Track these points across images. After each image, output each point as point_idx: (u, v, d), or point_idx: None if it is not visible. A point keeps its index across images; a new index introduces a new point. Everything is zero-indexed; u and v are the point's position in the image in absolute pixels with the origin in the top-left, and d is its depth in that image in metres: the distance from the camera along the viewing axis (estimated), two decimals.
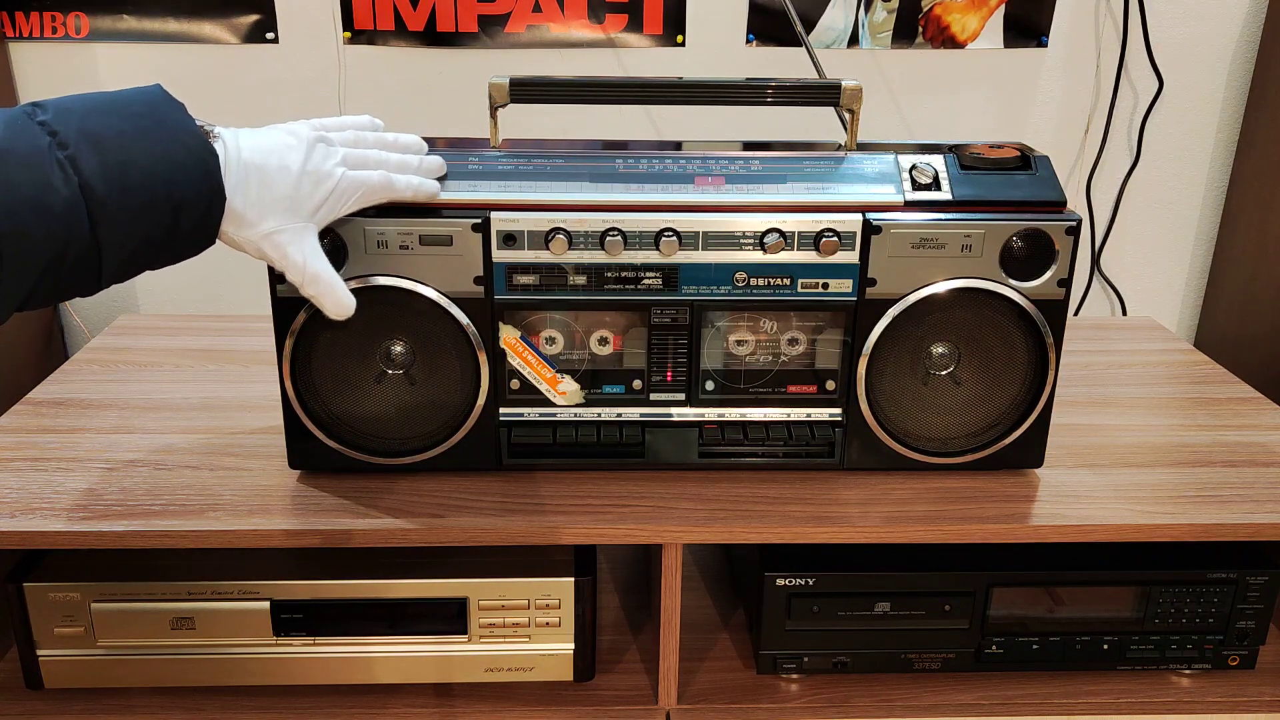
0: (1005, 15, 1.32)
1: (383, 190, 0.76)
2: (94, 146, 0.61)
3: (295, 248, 0.71)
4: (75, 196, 0.60)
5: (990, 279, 0.83)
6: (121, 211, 0.62)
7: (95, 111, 0.63)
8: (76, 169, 0.60)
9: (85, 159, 0.60)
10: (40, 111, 0.61)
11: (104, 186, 0.61)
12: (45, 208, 0.59)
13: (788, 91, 0.86)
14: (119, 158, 0.62)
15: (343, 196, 0.74)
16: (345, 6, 1.28)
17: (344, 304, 0.75)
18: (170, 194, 0.64)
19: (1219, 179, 1.42)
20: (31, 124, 0.60)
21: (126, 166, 0.62)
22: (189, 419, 0.99)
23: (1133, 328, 1.30)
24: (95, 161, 0.61)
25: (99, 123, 0.62)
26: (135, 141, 0.63)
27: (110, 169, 0.61)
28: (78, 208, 0.60)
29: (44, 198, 0.59)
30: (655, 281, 0.83)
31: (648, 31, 1.31)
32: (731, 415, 0.88)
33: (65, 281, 0.63)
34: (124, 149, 0.62)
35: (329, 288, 0.74)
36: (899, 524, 0.83)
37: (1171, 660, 0.93)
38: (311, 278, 0.73)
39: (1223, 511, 0.85)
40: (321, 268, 0.73)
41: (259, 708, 0.90)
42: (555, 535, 0.82)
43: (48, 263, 0.60)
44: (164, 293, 1.42)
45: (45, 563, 0.89)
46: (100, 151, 0.61)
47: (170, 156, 0.64)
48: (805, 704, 0.91)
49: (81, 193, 0.60)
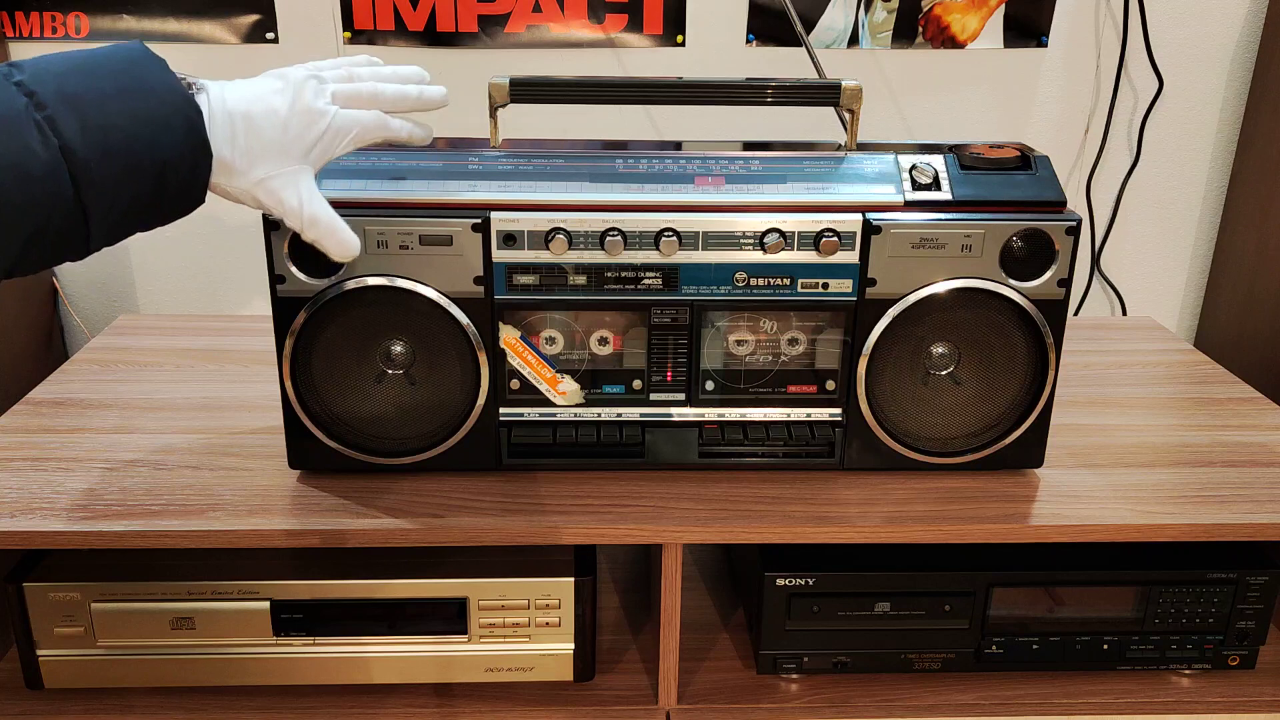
0: (1005, 15, 1.32)
1: (377, 129, 0.73)
2: (73, 107, 0.59)
3: (290, 191, 0.69)
4: (56, 159, 0.58)
5: (990, 279, 0.83)
6: (105, 173, 0.60)
7: (74, 71, 0.61)
8: (56, 131, 0.58)
9: (64, 120, 0.58)
10: (17, 72, 0.59)
11: (85, 148, 0.59)
12: (25, 171, 0.57)
13: (788, 91, 0.86)
14: (100, 119, 0.60)
15: (336, 136, 0.71)
16: (345, 6, 1.28)
17: (348, 244, 0.72)
18: (155, 153, 0.62)
19: (1219, 179, 1.42)
20: (7, 85, 0.58)
21: (108, 127, 0.60)
22: (189, 419, 0.99)
23: (1133, 328, 1.30)
24: (75, 123, 0.59)
25: (78, 83, 0.60)
26: (116, 101, 0.61)
27: (91, 130, 0.59)
28: (59, 170, 0.58)
29: (23, 161, 0.57)
30: (655, 281, 0.83)
31: (648, 31, 1.31)
32: (731, 415, 0.88)
33: (52, 247, 0.61)
34: (105, 109, 0.60)
35: (330, 229, 0.71)
36: (899, 524, 0.83)
37: (1171, 660, 0.93)
38: (310, 220, 0.70)
39: (1223, 511, 0.85)
40: (320, 209, 0.71)
41: (259, 708, 0.90)
42: (555, 535, 0.82)
43: (33, 229, 0.58)
44: (164, 293, 1.42)
45: (45, 563, 0.88)
46: (80, 112, 0.59)
47: (153, 115, 0.62)
48: (805, 704, 0.91)
49: (62, 155, 0.58)
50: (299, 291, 0.81)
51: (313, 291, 0.81)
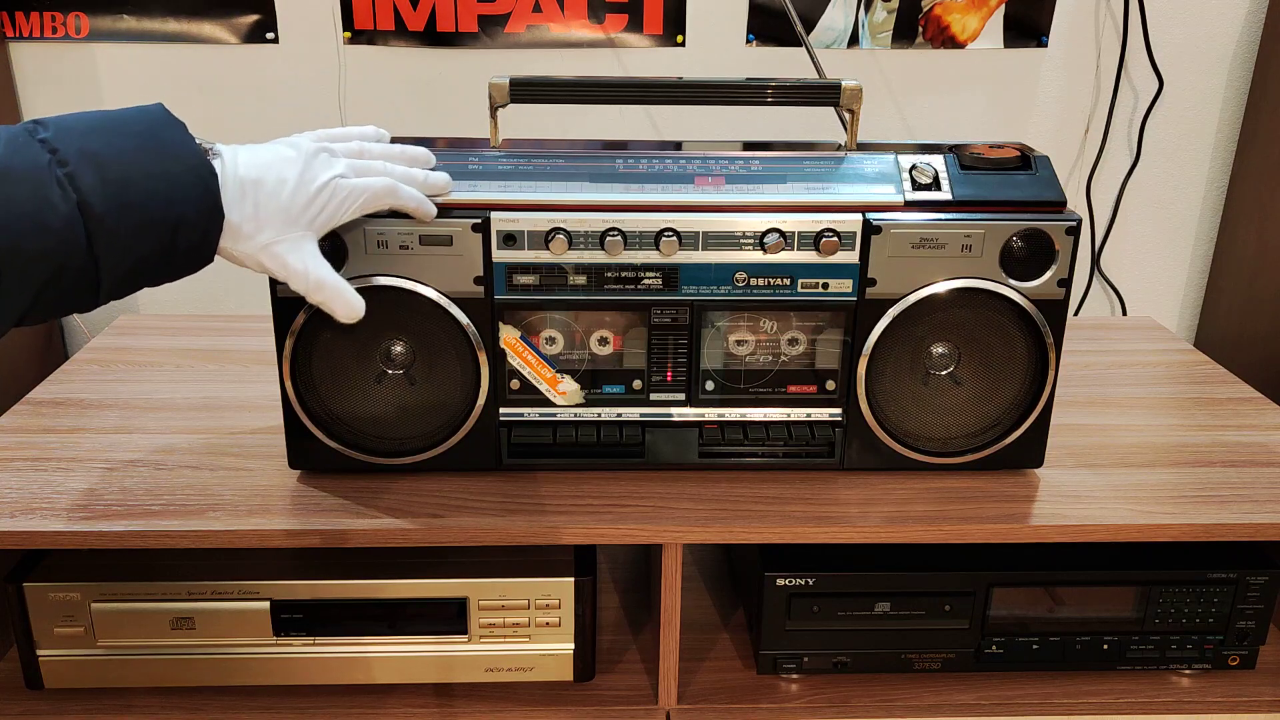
0: (1005, 15, 1.32)
1: (387, 196, 0.76)
2: (93, 165, 0.61)
3: (294, 257, 0.71)
4: (73, 214, 0.60)
5: (990, 279, 0.83)
6: (119, 229, 0.62)
7: (96, 130, 0.63)
8: (75, 186, 0.60)
9: (84, 177, 0.61)
10: (41, 129, 0.61)
11: (102, 204, 0.61)
12: (43, 224, 0.59)
13: (788, 91, 0.86)
14: (118, 176, 0.62)
15: (344, 204, 0.73)
16: (345, 6, 1.28)
17: (354, 307, 0.75)
18: (169, 212, 0.64)
19: (1219, 179, 1.42)
20: (32, 141, 0.60)
21: (125, 184, 0.62)
22: (189, 419, 0.99)
23: (1133, 328, 1.30)
24: (94, 179, 0.61)
25: (99, 141, 0.62)
26: (135, 160, 0.63)
27: (109, 187, 0.61)
28: (76, 225, 0.60)
29: (42, 214, 0.59)
30: (655, 281, 0.83)
31: (648, 31, 1.31)
32: (731, 415, 0.88)
33: (63, 298, 0.63)
34: (123, 167, 0.62)
35: (335, 292, 0.74)
36: (899, 524, 0.83)
37: (1171, 660, 0.93)
38: (316, 285, 0.73)
39: (1223, 511, 0.85)
40: (325, 274, 0.73)
41: (259, 708, 0.90)
42: (555, 535, 0.82)
43: (46, 279, 0.60)
44: (164, 293, 1.40)
45: (45, 563, 0.89)
46: (100, 169, 0.61)
47: (169, 175, 0.64)
48: (805, 704, 0.91)
49: (79, 210, 0.60)
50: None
51: None
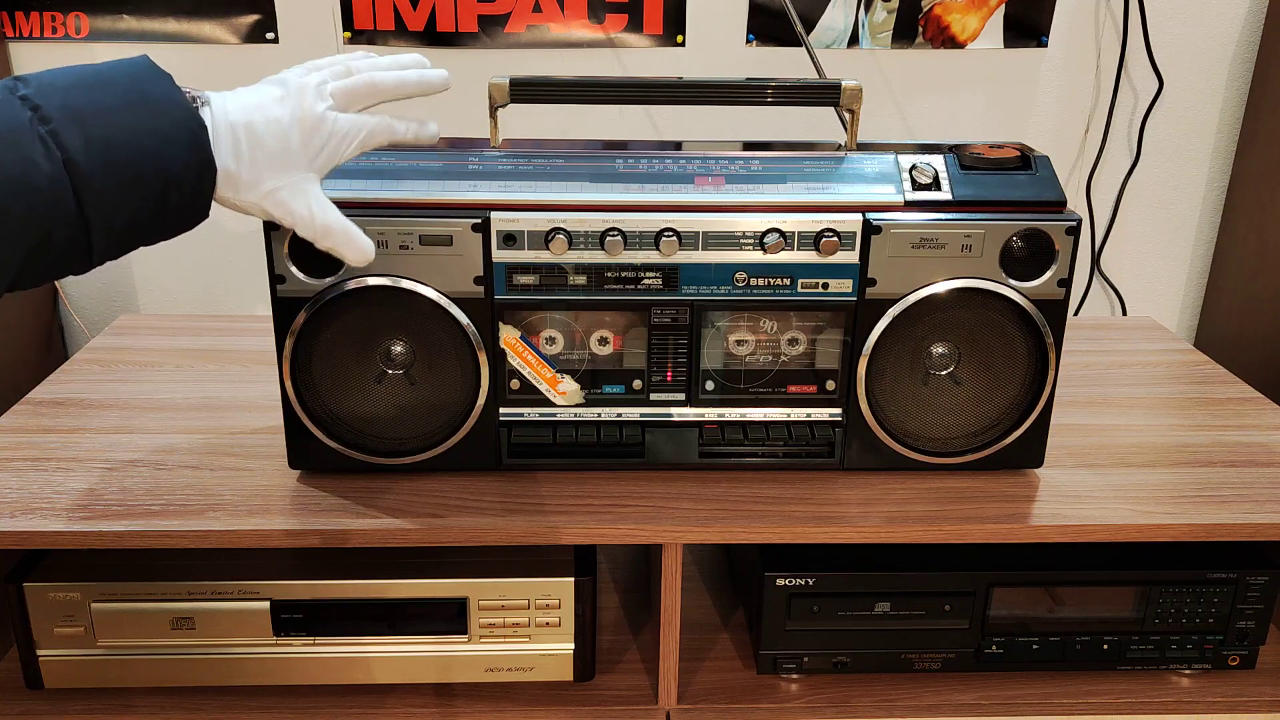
0: (1005, 15, 1.32)
1: (383, 133, 0.73)
2: (77, 121, 0.59)
3: (299, 201, 0.69)
4: (59, 173, 0.58)
5: (990, 279, 0.83)
6: (108, 187, 0.60)
7: (79, 86, 0.61)
8: (60, 144, 0.58)
9: (68, 134, 0.58)
10: (22, 85, 0.59)
11: (88, 162, 0.59)
12: (28, 185, 0.57)
13: (788, 91, 0.86)
14: (103, 133, 0.60)
15: (342, 141, 0.70)
16: (345, 6, 1.28)
17: (364, 250, 0.72)
18: (158, 168, 0.62)
19: (1219, 179, 1.42)
20: (13, 99, 0.58)
21: (111, 141, 0.60)
22: (189, 419, 0.99)
23: (1133, 328, 1.30)
24: (79, 137, 0.59)
25: (83, 97, 0.60)
26: (120, 116, 0.61)
27: (94, 144, 0.59)
28: (62, 184, 0.58)
29: (27, 174, 0.57)
30: (655, 281, 0.83)
31: (648, 31, 1.31)
32: (731, 415, 0.88)
33: (55, 260, 0.61)
34: (108, 124, 0.60)
35: (344, 236, 0.71)
36: (899, 524, 0.83)
37: (1171, 660, 0.93)
38: (323, 229, 0.70)
39: (1223, 511, 0.85)
40: (332, 218, 0.70)
41: (259, 708, 0.90)
42: (555, 535, 0.82)
43: (35, 242, 0.59)
44: (164, 293, 1.42)
45: (45, 563, 0.88)
46: (84, 126, 0.59)
47: (157, 129, 0.62)
48: (805, 704, 0.91)
49: (65, 168, 0.58)
50: (299, 292, 0.81)
51: (313, 291, 0.81)
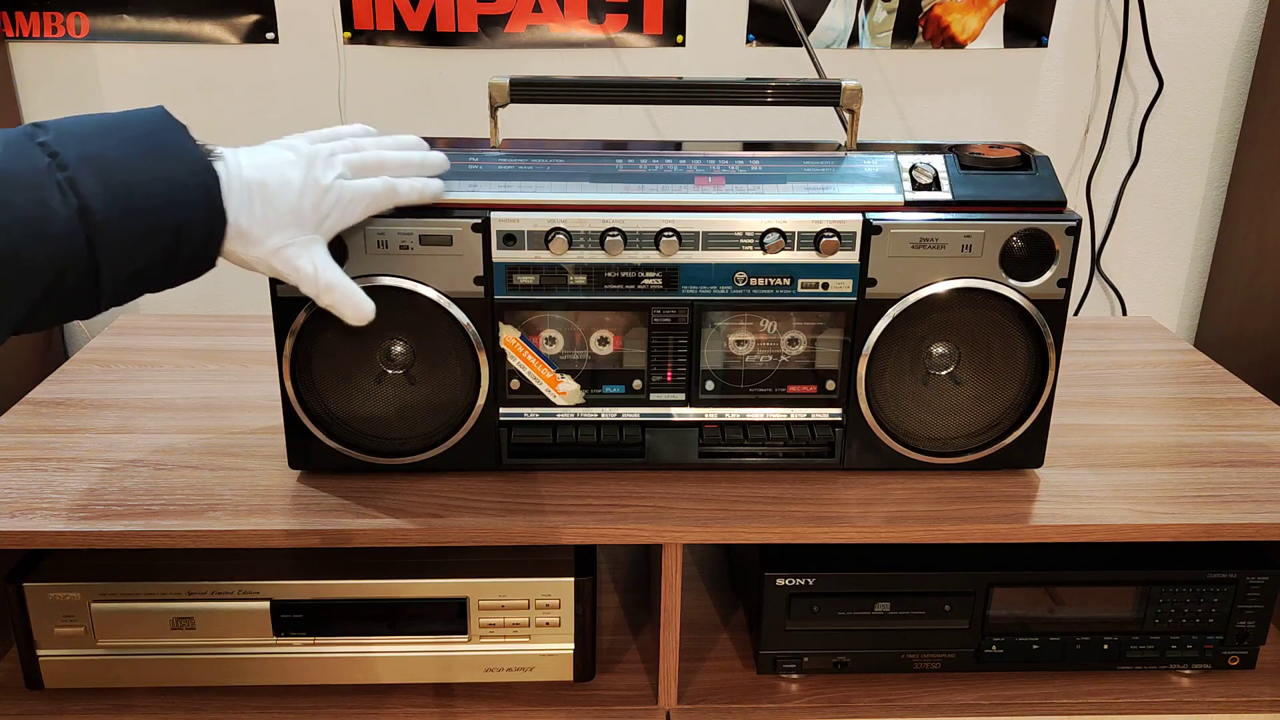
0: (1005, 15, 1.32)
1: (387, 197, 0.76)
2: (94, 169, 0.61)
3: (305, 260, 0.71)
4: (74, 219, 0.59)
5: (990, 279, 0.83)
6: (121, 234, 0.61)
7: (97, 133, 0.63)
8: (76, 191, 0.60)
9: (85, 181, 0.60)
10: (41, 132, 0.61)
11: (103, 209, 0.60)
12: (44, 230, 0.58)
13: (788, 91, 0.86)
14: (119, 180, 0.61)
15: (349, 207, 0.73)
16: (345, 6, 1.28)
17: (364, 309, 0.74)
18: (171, 217, 0.64)
19: (1219, 179, 1.42)
20: (32, 145, 0.60)
21: (127, 189, 0.61)
22: (189, 419, 0.99)
23: (1133, 328, 1.30)
24: (95, 184, 0.60)
25: (100, 145, 0.62)
26: (136, 164, 0.62)
27: (110, 191, 0.61)
28: (76, 230, 0.60)
29: (43, 219, 0.58)
30: (655, 281, 0.83)
31: (648, 31, 1.31)
32: (731, 415, 0.88)
33: (64, 304, 0.62)
34: (125, 171, 0.62)
35: (345, 295, 0.73)
36: (899, 524, 0.83)
37: (1171, 660, 0.93)
38: (326, 287, 0.73)
39: (1223, 511, 0.85)
40: (335, 277, 0.73)
41: (259, 708, 0.90)
42: (555, 535, 0.82)
43: (46, 285, 0.60)
44: (164, 293, 1.41)
45: (45, 563, 0.88)
46: (100, 174, 0.61)
47: (171, 179, 0.64)
48: (805, 704, 0.91)
49: (80, 215, 0.60)
50: (299, 292, 0.80)
51: None
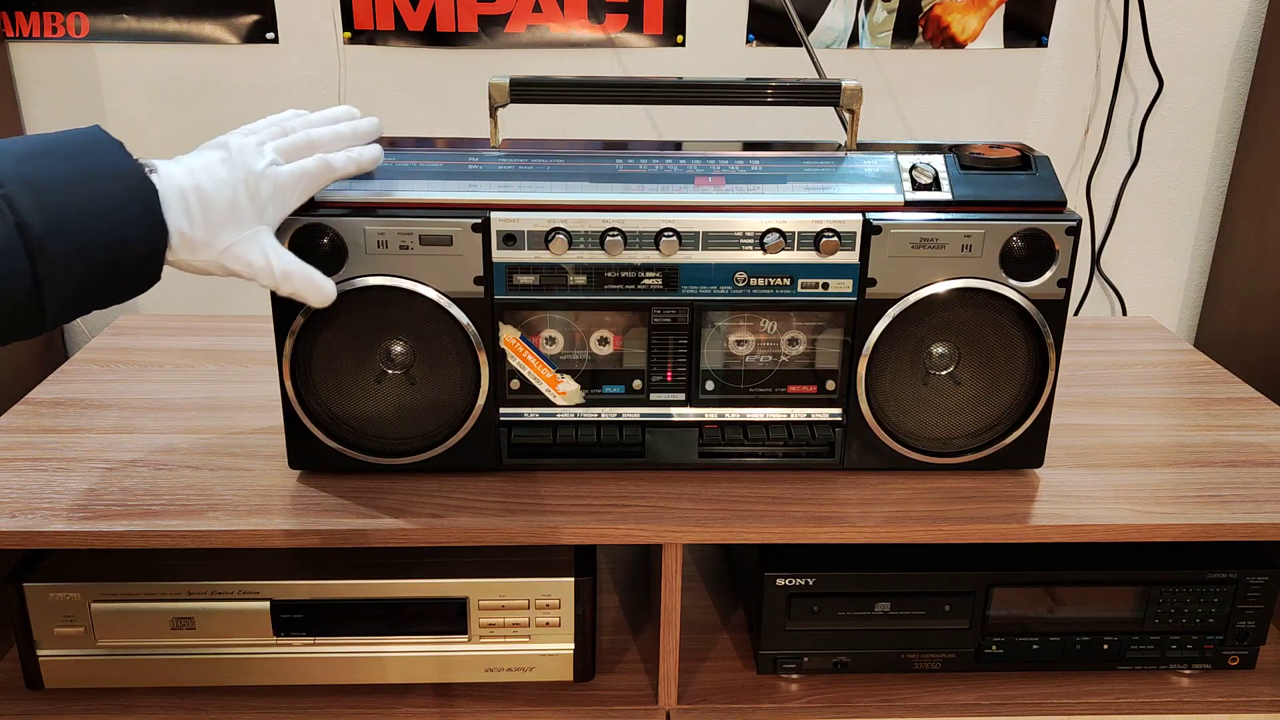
0: (1005, 15, 1.32)
1: (323, 174, 0.75)
2: (30, 188, 0.61)
3: (255, 253, 0.71)
4: (12, 236, 0.60)
5: (990, 279, 0.83)
6: (61, 252, 0.62)
7: (32, 154, 0.63)
8: (13, 209, 0.60)
9: (21, 199, 0.60)
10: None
11: (42, 226, 0.61)
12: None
13: (788, 91, 0.86)
14: (56, 198, 0.62)
15: (287, 192, 0.73)
16: (345, 6, 1.28)
17: (324, 290, 0.75)
18: (111, 233, 0.64)
19: (1219, 179, 1.42)
20: None
21: (64, 206, 0.62)
22: (189, 419, 0.99)
23: (1133, 328, 1.30)
24: (32, 202, 0.60)
25: (36, 165, 0.62)
26: (73, 182, 0.63)
27: (47, 209, 0.61)
28: (15, 250, 0.60)
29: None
30: (655, 281, 0.83)
31: (648, 31, 1.31)
32: (731, 415, 0.88)
33: (7, 324, 0.62)
34: (61, 189, 0.62)
35: (304, 280, 0.74)
36: (899, 524, 0.83)
37: (1171, 660, 0.93)
38: (283, 276, 0.73)
39: (1223, 511, 0.85)
40: (289, 264, 0.73)
41: (259, 708, 0.90)
42: (555, 535, 0.82)
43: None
44: (164, 293, 1.40)
45: (45, 563, 0.88)
46: (37, 193, 0.61)
47: (109, 195, 0.64)
48: (805, 704, 0.91)
49: (19, 233, 0.60)
50: None
51: None
